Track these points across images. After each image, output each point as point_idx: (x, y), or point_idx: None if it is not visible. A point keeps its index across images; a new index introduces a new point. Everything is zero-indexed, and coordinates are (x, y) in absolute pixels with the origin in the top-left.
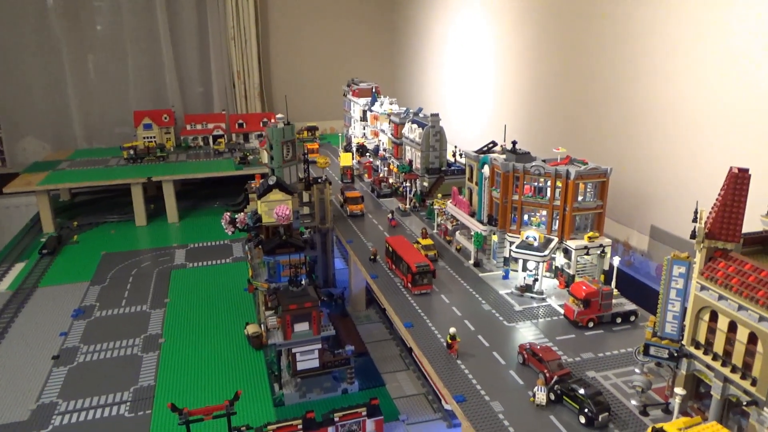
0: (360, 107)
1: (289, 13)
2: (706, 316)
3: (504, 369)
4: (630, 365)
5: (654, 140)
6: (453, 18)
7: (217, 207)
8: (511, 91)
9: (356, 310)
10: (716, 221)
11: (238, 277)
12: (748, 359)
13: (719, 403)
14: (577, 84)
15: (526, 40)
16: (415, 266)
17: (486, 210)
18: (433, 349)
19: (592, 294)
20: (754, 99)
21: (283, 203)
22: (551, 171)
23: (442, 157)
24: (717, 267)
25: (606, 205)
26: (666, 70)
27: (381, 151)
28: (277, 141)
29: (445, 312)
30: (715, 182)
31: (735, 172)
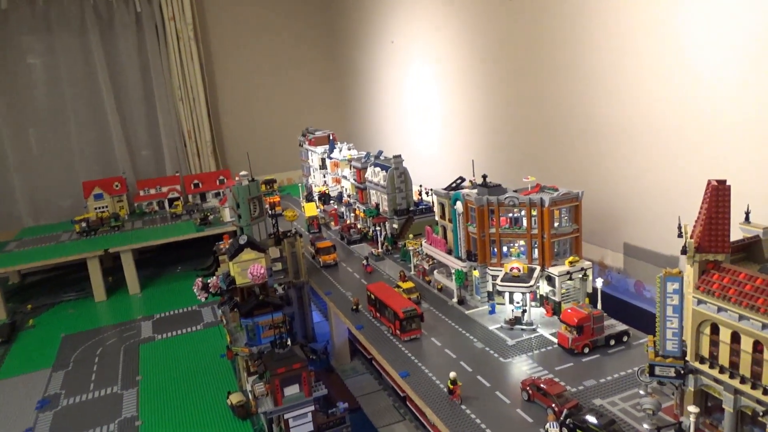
0: (318, 155)
1: (236, 69)
2: (706, 329)
3: (510, 408)
4: (633, 387)
5: (618, 159)
6: (402, 58)
7: (181, 272)
8: (473, 125)
9: (341, 363)
10: (704, 234)
11: (212, 344)
12: (756, 368)
13: (733, 416)
14: (538, 111)
15: (480, 74)
16: (403, 312)
17: (464, 246)
18: (434, 396)
19: (584, 319)
20: (715, 113)
21: (256, 262)
22: (525, 200)
23: (409, 198)
24: (711, 279)
25: (582, 229)
26: (625, 91)
27: (345, 198)
28: (244, 198)
29: (439, 356)
30: (683, 194)
31: (715, 185)
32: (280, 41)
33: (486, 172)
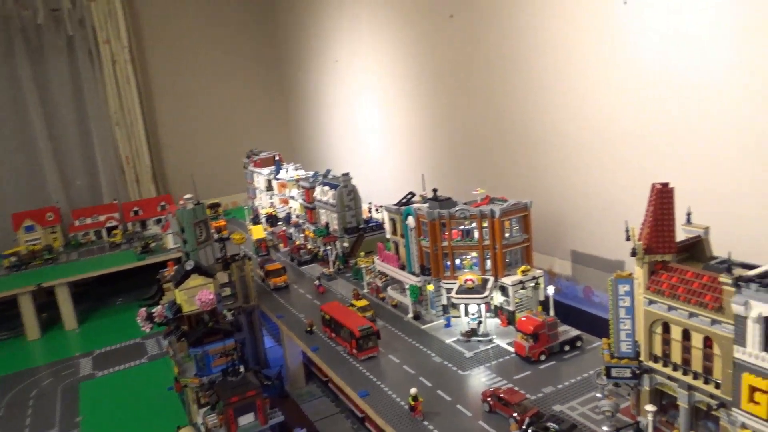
0: (264, 177)
1: (176, 91)
2: (658, 328)
3: (472, 420)
4: (590, 391)
5: (563, 169)
6: (347, 77)
7: (121, 304)
8: (421, 141)
9: (296, 388)
10: (652, 236)
11: (158, 377)
12: (707, 364)
13: (688, 412)
14: (484, 126)
15: (426, 90)
16: (359, 330)
17: (417, 261)
18: (395, 414)
19: (539, 327)
20: (654, 123)
21: (204, 288)
22: (476, 212)
23: (359, 216)
24: (660, 279)
25: (532, 238)
26: (568, 104)
27: (293, 218)
28: (189, 223)
29: (398, 373)
30: (626, 201)
31: (659, 188)
32: (222, 63)
33: (436, 186)
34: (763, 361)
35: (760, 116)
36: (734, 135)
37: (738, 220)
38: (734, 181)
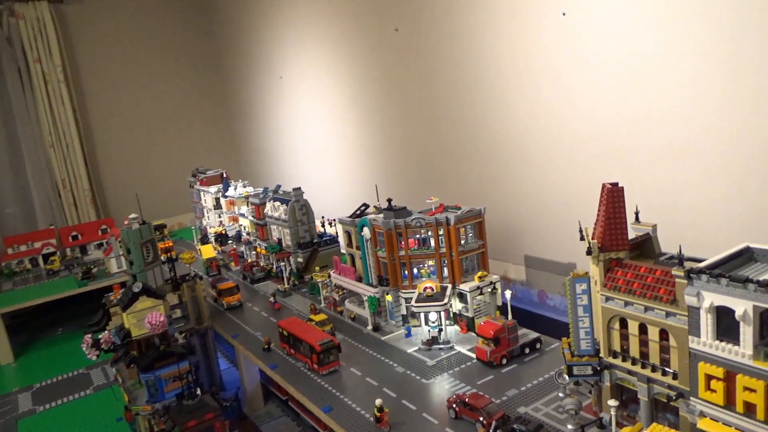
0: (212, 195)
1: (114, 110)
2: (616, 324)
3: (439, 428)
4: (553, 391)
5: (514, 175)
6: (292, 92)
7: (62, 334)
8: (371, 153)
9: (254, 409)
10: (605, 234)
11: (106, 409)
12: (664, 356)
13: (648, 405)
14: (434, 135)
15: (374, 102)
16: (319, 345)
17: (374, 272)
18: (361, 427)
19: (500, 331)
20: (599, 126)
21: (154, 310)
22: (432, 221)
23: (312, 230)
24: (616, 276)
25: (487, 244)
26: (516, 111)
27: (244, 236)
28: (135, 243)
29: (361, 385)
30: (576, 204)
31: (609, 187)
32: (162, 79)
33: (389, 196)
34: (718, 350)
35: (701, 114)
36: (678, 132)
37: (685, 215)
38: (680, 176)
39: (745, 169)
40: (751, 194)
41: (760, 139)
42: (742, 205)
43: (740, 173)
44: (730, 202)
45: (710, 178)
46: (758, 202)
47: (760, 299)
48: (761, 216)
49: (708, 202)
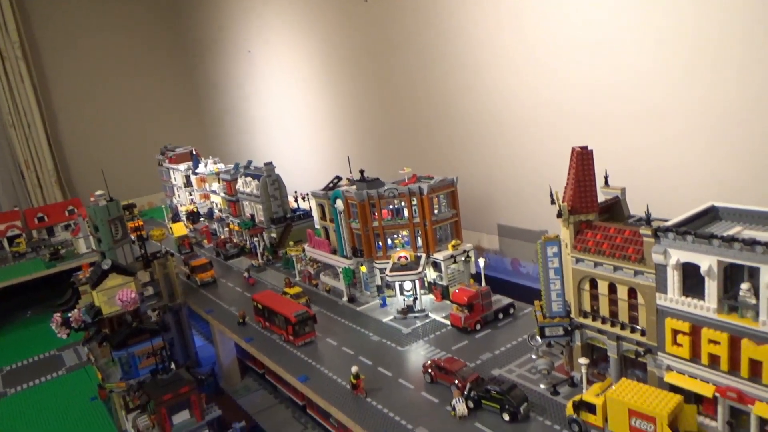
0: (182, 173)
1: (79, 89)
2: (586, 285)
3: (415, 392)
4: (526, 353)
5: (486, 146)
6: (262, 67)
7: (31, 316)
8: (343, 126)
9: (231, 384)
10: (575, 197)
11: (79, 388)
12: (633, 313)
13: (617, 362)
14: (406, 106)
15: (344, 75)
16: (294, 316)
17: (348, 243)
18: (337, 395)
19: (474, 297)
20: (568, 97)
21: (124, 287)
22: (405, 191)
23: (285, 205)
24: (586, 238)
25: (460, 213)
26: (487, 81)
27: (216, 213)
28: (103, 220)
29: (337, 355)
30: (546, 171)
31: (579, 150)
32: (128, 57)
33: (362, 168)
34: (684, 305)
35: (667, 79)
36: (645, 97)
37: (653, 177)
38: (647, 139)
39: (710, 131)
40: (717, 155)
41: (724, 102)
42: (708, 165)
43: (706, 135)
44: (696, 164)
45: (676, 140)
46: (723, 162)
47: (723, 254)
48: (726, 176)
49: (675, 163)
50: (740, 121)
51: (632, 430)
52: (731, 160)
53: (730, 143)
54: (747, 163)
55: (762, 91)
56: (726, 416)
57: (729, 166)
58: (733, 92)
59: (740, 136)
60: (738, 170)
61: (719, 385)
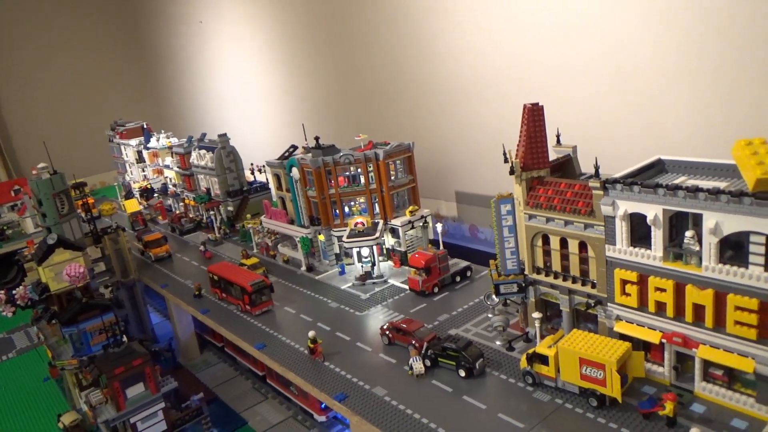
0: (133, 148)
1: (22, 66)
2: (539, 241)
3: (373, 354)
4: (483, 313)
5: (441, 113)
6: (214, 38)
7: None
8: (298, 95)
9: (190, 358)
10: (527, 154)
11: (31, 370)
12: (584, 267)
13: (569, 316)
14: (361, 74)
15: (298, 43)
16: (250, 285)
17: (305, 212)
18: (295, 360)
19: (431, 260)
20: (522, 60)
21: (72, 262)
22: (360, 157)
23: (241, 178)
24: (538, 194)
25: (417, 179)
26: (440, 49)
27: (171, 188)
28: (47, 194)
29: (295, 322)
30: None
31: (530, 107)
32: (74, 30)
33: (320, 137)
34: (632, 255)
35: (614, 33)
36: (593, 55)
37: (602, 134)
38: (595, 96)
39: (657, 86)
40: (664, 112)
41: (674, 55)
42: (655, 122)
43: (653, 91)
44: (643, 118)
45: (625, 99)
46: (670, 116)
47: (668, 202)
48: (673, 129)
49: (623, 119)
50: (686, 80)
51: (583, 378)
52: (678, 115)
53: (677, 101)
54: (692, 118)
55: (706, 53)
56: (672, 361)
57: (676, 120)
58: (679, 53)
59: (686, 94)
60: (683, 126)
61: (665, 331)
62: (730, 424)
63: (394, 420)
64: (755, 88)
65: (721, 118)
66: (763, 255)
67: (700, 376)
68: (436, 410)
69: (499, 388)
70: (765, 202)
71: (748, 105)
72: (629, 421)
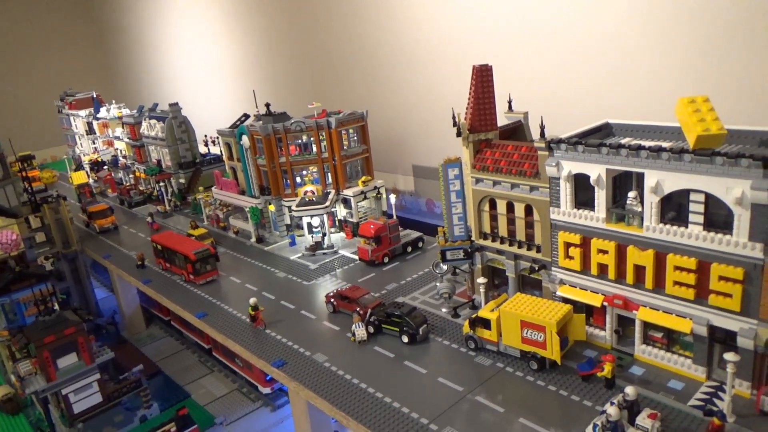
0: (82, 119)
1: None
2: (486, 206)
3: (316, 322)
4: (432, 282)
5: (398, 84)
6: (167, 8)
7: None
8: (250, 64)
9: (135, 332)
10: (474, 115)
11: None
12: (530, 231)
13: (515, 282)
14: (315, 42)
15: (251, 11)
16: (194, 254)
17: (255, 182)
18: (236, 329)
19: (381, 229)
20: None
21: (4, 229)
22: (312, 124)
23: (194, 149)
24: (485, 156)
25: (371, 149)
26: (395, 18)
27: (121, 160)
28: None
29: (239, 292)
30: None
31: (478, 67)
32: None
33: (273, 105)
34: (575, 218)
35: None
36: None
37: (552, 98)
38: (547, 61)
39: (603, 57)
40: (612, 76)
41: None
42: (605, 83)
43: (607, 58)
44: (592, 86)
45: (578, 64)
46: (618, 79)
47: (611, 161)
48: (622, 94)
49: (573, 83)
50: (633, 46)
51: (524, 341)
52: (625, 81)
53: (623, 66)
54: (639, 83)
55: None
56: (613, 325)
57: (624, 82)
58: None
59: (632, 59)
60: (631, 90)
61: (607, 294)
62: (667, 385)
63: (333, 385)
64: (701, 55)
65: (674, 85)
66: (702, 214)
67: (640, 339)
68: (375, 375)
69: (441, 354)
70: (704, 159)
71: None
72: (568, 384)
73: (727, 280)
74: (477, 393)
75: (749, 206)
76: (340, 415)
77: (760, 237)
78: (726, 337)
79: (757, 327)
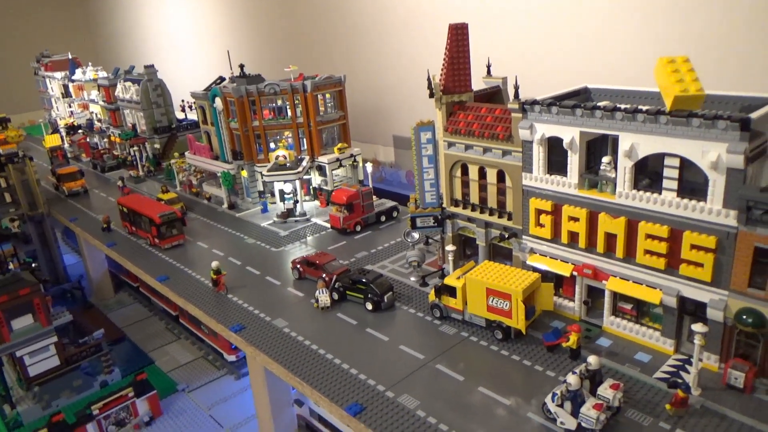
0: (58, 82)
1: None
2: (458, 171)
3: (281, 288)
4: (403, 251)
5: (378, 50)
6: None
7: None
8: (231, 26)
9: (103, 298)
10: (448, 76)
11: None
12: (501, 198)
13: (485, 251)
14: (299, 3)
15: None
16: (159, 217)
17: (228, 146)
18: (198, 293)
19: (353, 197)
20: None
21: None
22: (287, 87)
23: (169, 114)
24: (458, 119)
25: (348, 115)
26: None
27: (96, 124)
28: None
29: (205, 257)
30: None
31: (453, 26)
32: None
33: (250, 68)
34: (547, 183)
35: None
36: None
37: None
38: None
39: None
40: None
41: None
42: (586, 49)
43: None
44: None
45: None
46: (600, 45)
47: (586, 124)
48: (604, 59)
49: (553, 48)
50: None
51: (490, 309)
52: (607, 47)
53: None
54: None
55: None
56: (583, 296)
57: (605, 48)
58: None
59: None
60: (612, 56)
61: (577, 263)
62: (634, 358)
63: (291, 351)
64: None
65: (658, 52)
66: (676, 179)
67: (609, 311)
68: (336, 342)
69: (405, 322)
70: (681, 120)
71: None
72: (533, 354)
73: (699, 249)
74: (438, 361)
75: (725, 171)
76: (295, 381)
77: (735, 204)
78: (696, 308)
79: (727, 298)
